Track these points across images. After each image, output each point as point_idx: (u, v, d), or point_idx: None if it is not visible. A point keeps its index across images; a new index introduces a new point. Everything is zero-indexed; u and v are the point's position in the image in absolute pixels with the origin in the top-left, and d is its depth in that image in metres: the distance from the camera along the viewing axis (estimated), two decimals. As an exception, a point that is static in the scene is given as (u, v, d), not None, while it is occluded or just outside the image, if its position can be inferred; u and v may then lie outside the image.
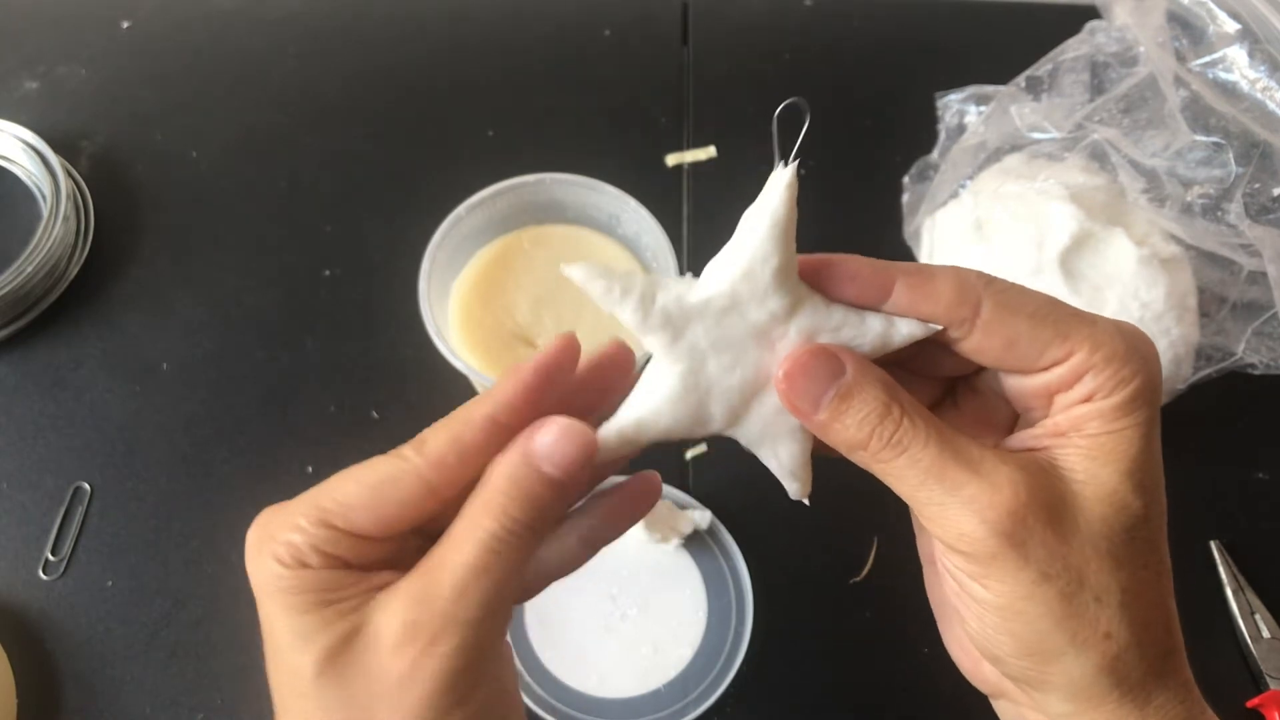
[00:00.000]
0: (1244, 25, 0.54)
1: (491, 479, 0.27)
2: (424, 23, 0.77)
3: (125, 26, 0.76)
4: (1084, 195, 0.55)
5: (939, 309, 0.27)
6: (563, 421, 0.27)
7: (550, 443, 0.27)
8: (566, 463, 0.27)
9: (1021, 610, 0.26)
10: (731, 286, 0.27)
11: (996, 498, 0.26)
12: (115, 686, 0.52)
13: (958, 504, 0.26)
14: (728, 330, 0.27)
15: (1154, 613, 0.28)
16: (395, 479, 0.27)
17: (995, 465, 0.26)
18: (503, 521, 0.26)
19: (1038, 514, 0.26)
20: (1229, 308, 0.54)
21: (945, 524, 0.26)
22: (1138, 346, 0.27)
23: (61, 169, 0.64)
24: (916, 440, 0.27)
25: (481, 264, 0.57)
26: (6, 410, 0.59)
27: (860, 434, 0.27)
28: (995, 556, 0.26)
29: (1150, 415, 0.27)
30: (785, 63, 0.75)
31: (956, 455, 0.26)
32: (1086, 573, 0.26)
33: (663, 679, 0.50)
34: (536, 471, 0.27)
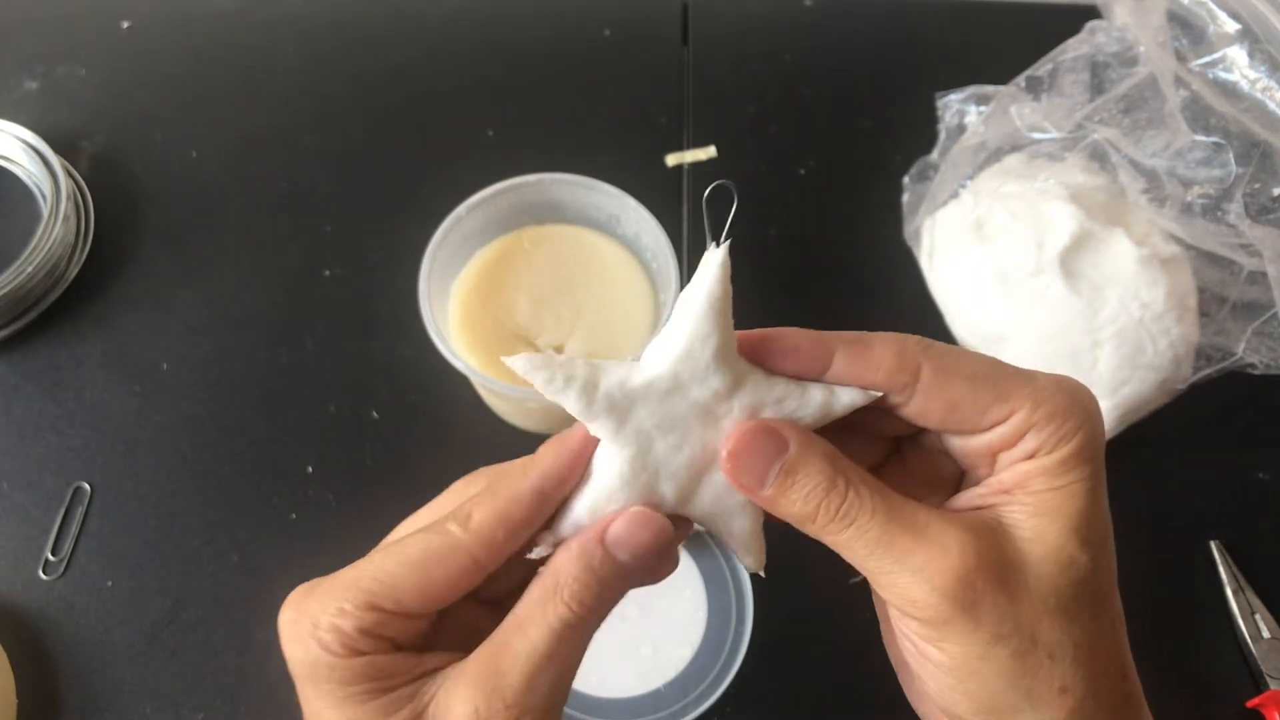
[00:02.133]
0: (1244, 25, 0.54)
1: (563, 566, 0.27)
2: (424, 23, 0.77)
3: (125, 27, 0.76)
4: (1084, 195, 0.55)
5: (879, 377, 0.28)
6: (637, 513, 0.27)
7: (625, 531, 0.27)
8: (642, 550, 0.27)
9: (976, 671, 0.26)
10: (673, 368, 0.28)
11: (945, 563, 0.26)
12: (115, 686, 0.52)
13: (907, 572, 0.26)
14: (672, 411, 0.28)
15: (1109, 662, 0.28)
16: (442, 557, 0.27)
17: (942, 529, 0.26)
18: (574, 609, 0.26)
19: (986, 576, 0.26)
20: (1229, 308, 0.54)
21: (897, 591, 0.27)
22: (1079, 401, 0.27)
23: (61, 169, 0.64)
24: (863, 512, 0.27)
25: (481, 264, 0.57)
26: (7, 410, 0.59)
27: (807, 508, 0.27)
28: (947, 621, 0.26)
29: (1094, 469, 0.27)
30: (785, 63, 0.75)
31: (903, 523, 0.27)
32: (1038, 631, 0.26)
33: (663, 679, 0.50)
34: (612, 560, 0.27)
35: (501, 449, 0.59)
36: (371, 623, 0.26)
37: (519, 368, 0.27)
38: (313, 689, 0.27)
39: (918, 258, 0.64)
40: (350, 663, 0.26)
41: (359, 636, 0.26)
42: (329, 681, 0.26)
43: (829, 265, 0.66)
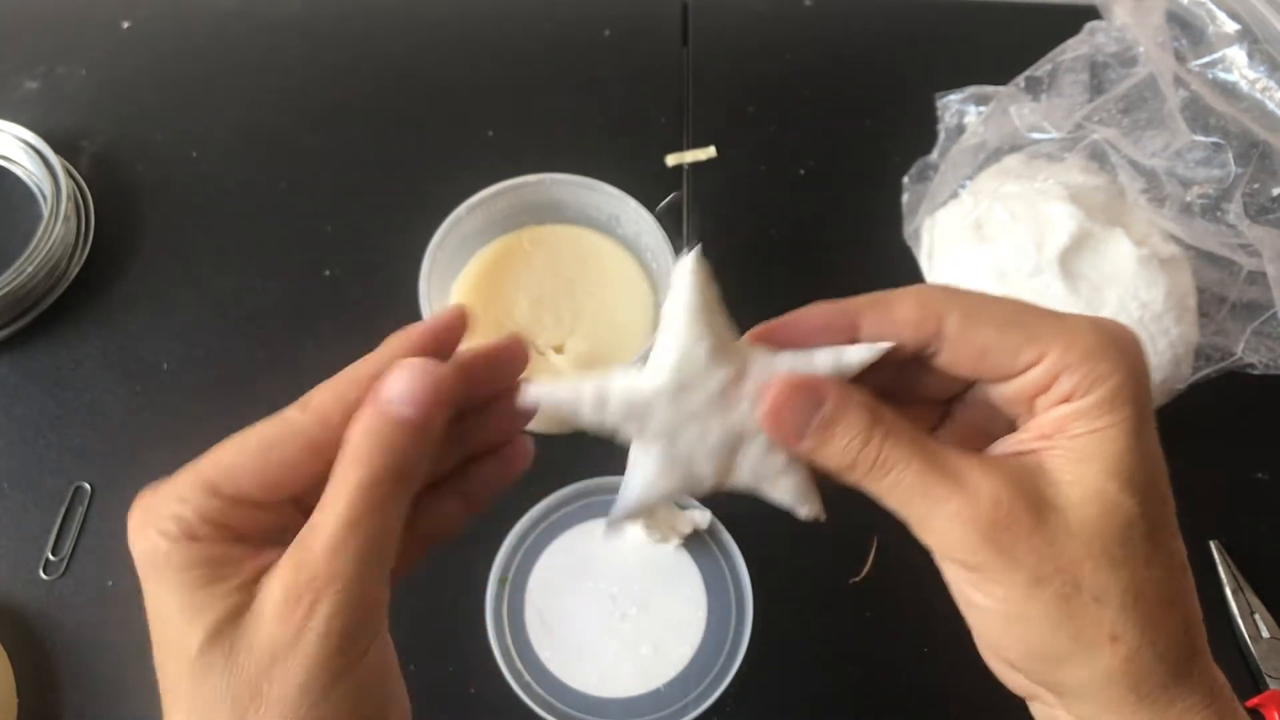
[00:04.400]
0: (1243, 25, 0.54)
1: (351, 433, 0.27)
2: (424, 23, 0.77)
3: (126, 27, 0.76)
4: (1083, 195, 0.55)
5: (905, 331, 0.27)
6: (408, 361, 0.27)
7: (397, 384, 0.27)
8: (415, 399, 0.27)
9: (1021, 614, 0.26)
10: (673, 375, 0.28)
11: (980, 508, 0.26)
12: (115, 686, 0.52)
13: (944, 517, 0.26)
14: (688, 406, 0.29)
15: (1165, 613, 0.27)
16: (280, 440, 0.27)
17: (979, 475, 0.26)
18: (367, 471, 0.26)
19: (1022, 519, 0.26)
20: (1228, 308, 0.54)
21: (936, 537, 0.27)
22: (1115, 341, 0.26)
23: (62, 169, 0.64)
24: (899, 460, 0.27)
25: (481, 264, 0.57)
26: (7, 410, 0.60)
27: (846, 458, 0.27)
28: (986, 565, 0.26)
29: (1136, 410, 0.26)
30: (785, 63, 0.75)
31: (940, 470, 0.27)
32: (1082, 574, 0.26)
33: (663, 679, 0.50)
34: (389, 414, 0.27)
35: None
36: (211, 509, 0.27)
37: (539, 396, 0.28)
38: (154, 577, 0.27)
39: (917, 258, 0.64)
40: (188, 548, 0.26)
41: (198, 523, 0.26)
42: (168, 568, 0.26)
43: (829, 265, 0.66)
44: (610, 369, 0.29)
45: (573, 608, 0.52)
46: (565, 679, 0.50)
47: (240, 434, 0.28)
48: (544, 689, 0.50)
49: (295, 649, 0.25)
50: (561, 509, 0.54)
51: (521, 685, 0.49)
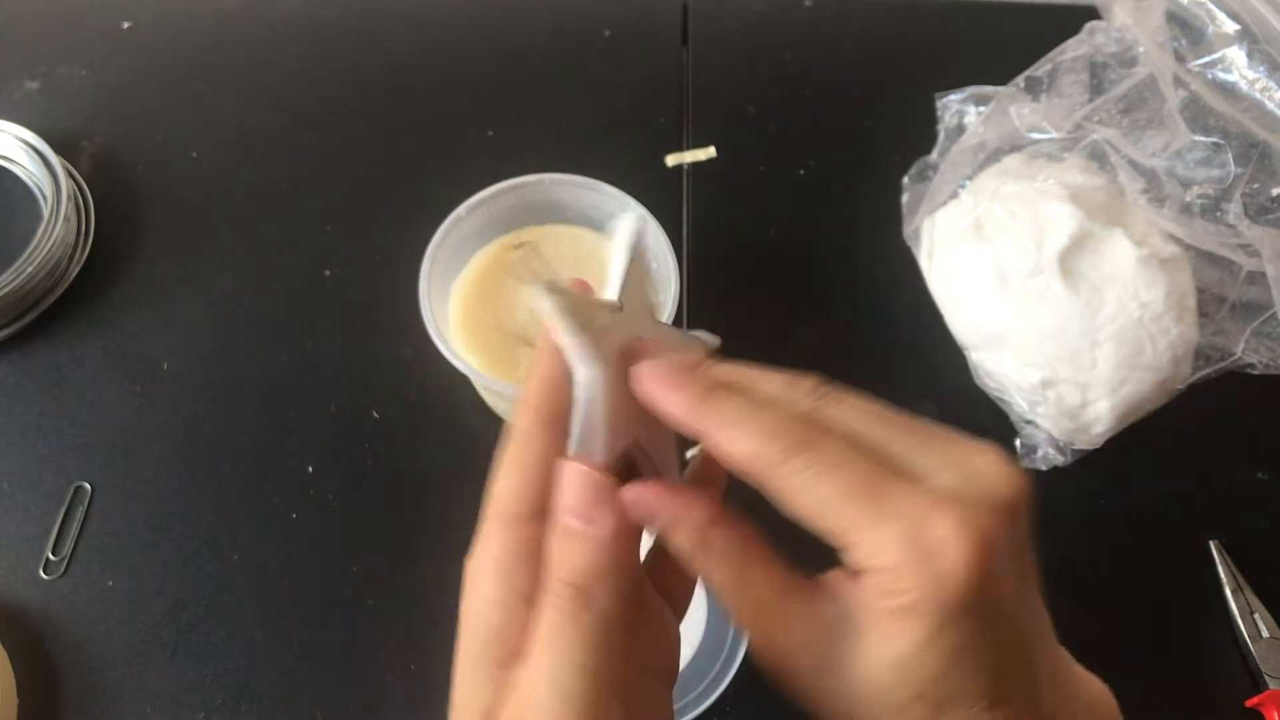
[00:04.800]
0: (1243, 26, 0.54)
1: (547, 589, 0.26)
2: (424, 23, 0.77)
3: (126, 27, 0.76)
4: (1083, 195, 0.55)
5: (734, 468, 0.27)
6: (571, 469, 0.27)
7: (561, 497, 0.27)
8: (577, 506, 0.26)
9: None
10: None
11: (775, 647, 0.27)
12: (115, 686, 0.52)
13: (752, 638, 0.28)
14: None
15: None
16: (524, 444, 0.28)
17: (784, 611, 0.27)
18: (557, 591, 0.26)
19: (809, 668, 0.27)
20: (1228, 308, 0.54)
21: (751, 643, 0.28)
22: (931, 558, 0.24)
23: (62, 169, 0.64)
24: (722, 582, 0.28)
25: (481, 264, 0.57)
26: (7, 410, 0.60)
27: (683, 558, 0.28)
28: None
29: (930, 625, 0.24)
30: (785, 63, 0.75)
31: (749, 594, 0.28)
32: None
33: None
34: (563, 531, 0.26)
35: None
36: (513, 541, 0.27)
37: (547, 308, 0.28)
38: (462, 639, 0.27)
39: (917, 258, 0.64)
40: (491, 613, 0.26)
41: (506, 572, 0.27)
42: (466, 638, 0.27)
43: (828, 265, 0.66)
44: None
45: None
46: None
47: (502, 464, 0.28)
48: None
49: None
50: None
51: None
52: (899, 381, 0.61)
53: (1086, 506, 0.58)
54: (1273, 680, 0.51)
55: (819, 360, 0.62)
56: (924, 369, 0.62)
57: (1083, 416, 0.55)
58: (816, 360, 0.62)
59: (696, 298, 0.63)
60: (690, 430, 0.27)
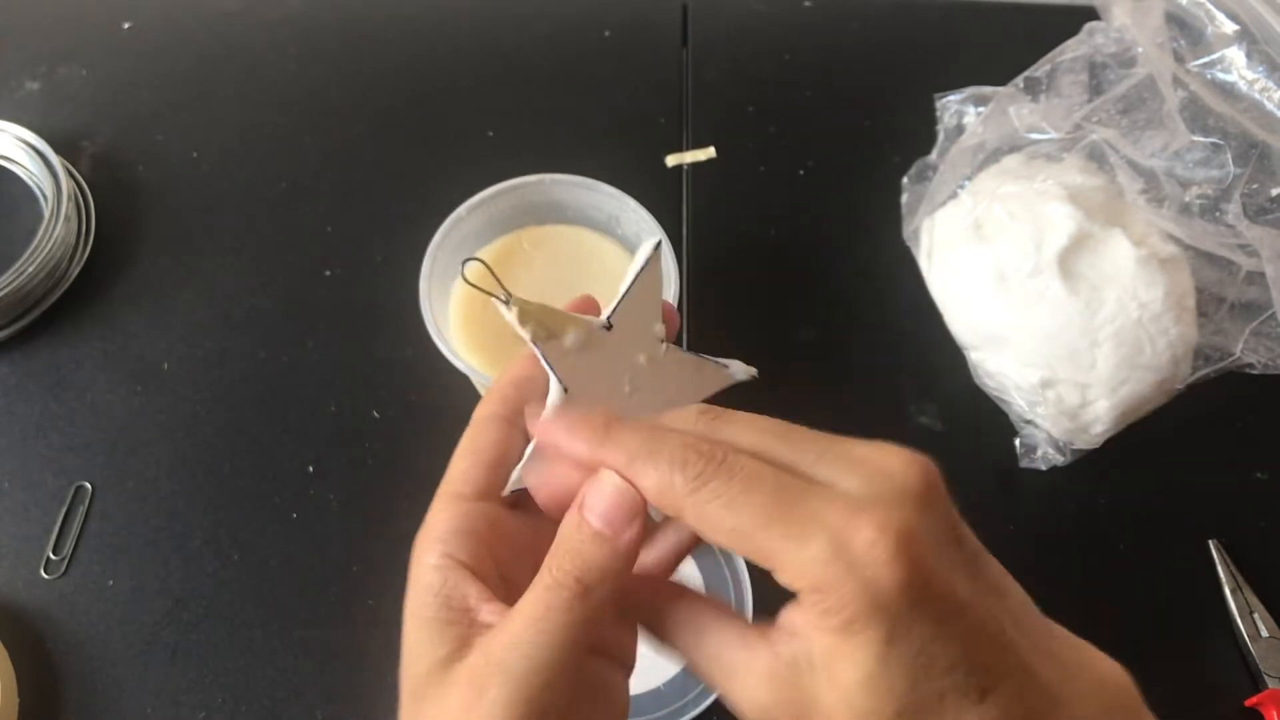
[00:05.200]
0: (1242, 26, 0.54)
1: (557, 536, 0.28)
2: (424, 23, 0.77)
3: (126, 27, 0.76)
4: (1082, 195, 0.55)
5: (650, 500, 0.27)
6: (607, 479, 0.27)
7: (594, 496, 0.27)
8: (607, 514, 0.27)
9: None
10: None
11: (746, 701, 0.27)
12: (116, 686, 0.52)
13: (724, 697, 0.27)
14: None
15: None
16: (480, 429, 0.30)
17: (747, 665, 0.27)
18: (555, 576, 0.27)
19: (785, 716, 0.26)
20: (1227, 308, 0.54)
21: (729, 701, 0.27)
22: (859, 566, 0.24)
23: (63, 169, 0.64)
24: (686, 652, 0.29)
25: (482, 264, 0.57)
26: (8, 410, 0.60)
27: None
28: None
29: (882, 633, 0.24)
30: (785, 63, 0.75)
31: (718, 662, 0.27)
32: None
33: (661, 678, 0.50)
34: (584, 521, 0.27)
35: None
36: (459, 516, 0.29)
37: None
38: (408, 609, 0.29)
39: (916, 258, 0.64)
40: (436, 577, 0.28)
41: (453, 538, 0.28)
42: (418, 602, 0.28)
43: (828, 265, 0.66)
44: None
45: None
46: None
47: (457, 449, 0.31)
48: None
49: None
50: None
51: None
52: (898, 381, 0.61)
53: (1086, 506, 0.58)
54: (1272, 680, 0.52)
55: (819, 360, 0.62)
56: (923, 369, 0.62)
57: (1082, 416, 0.55)
58: (816, 360, 0.62)
59: (696, 298, 0.63)
60: (595, 467, 0.28)
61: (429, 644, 0.27)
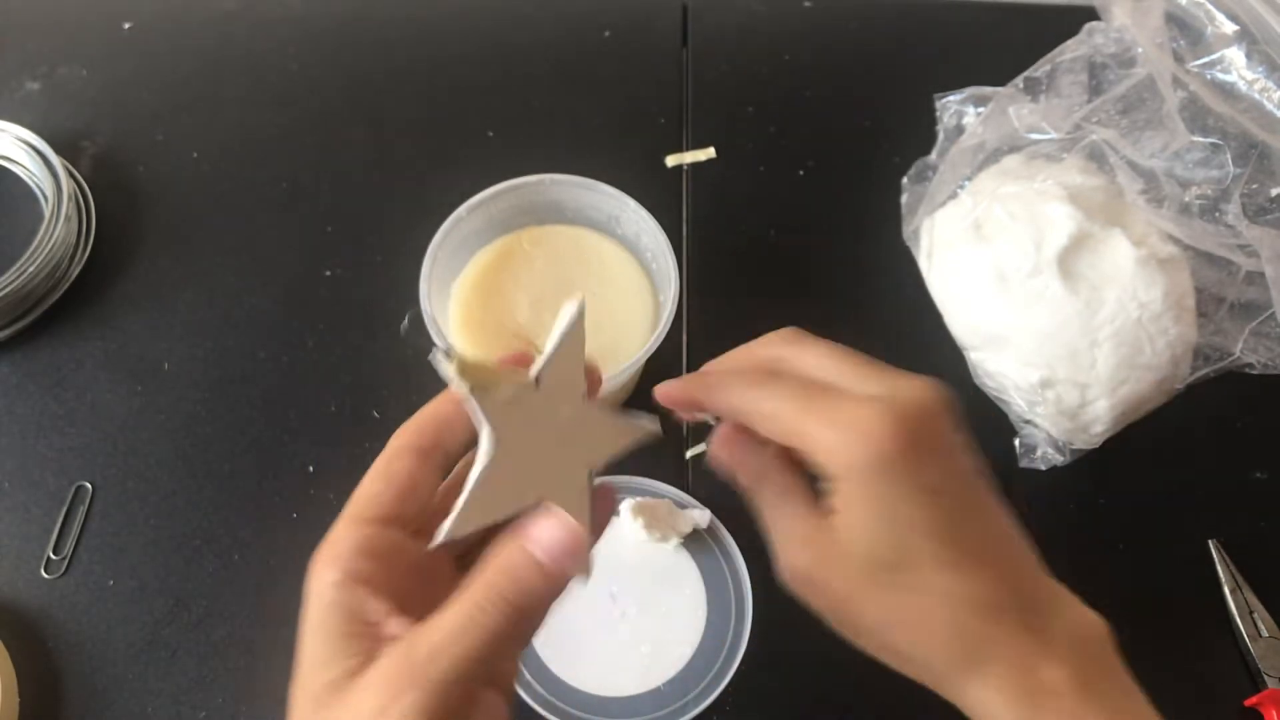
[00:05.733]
0: (1242, 26, 0.54)
1: (489, 559, 0.30)
2: (424, 24, 0.78)
3: (127, 28, 0.76)
4: (1082, 196, 0.55)
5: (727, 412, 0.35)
6: (560, 514, 0.30)
7: (542, 531, 0.30)
8: (552, 549, 0.29)
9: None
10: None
11: (792, 565, 0.34)
12: (116, 685, 0.52)
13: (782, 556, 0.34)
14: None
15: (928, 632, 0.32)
16: (393, 458, 0.31)
17: (794, 530, 0.33)
18: (486, 594, 0.28)
19: (820, 565, 0.33)
20: (1227, 308, 0.54)
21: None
22: (862, 434, 0.31)
23: (63, 169, 0.64)
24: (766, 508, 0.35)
25: (482, 264, 0.57)
26: (8, 410, 0.60)
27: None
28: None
29: (876, 490, 0.30)
30: (784, 64, 0.75)
31: (777, 525, 0.34)
32: (850, 607, 0.33)
33: (662, 677, 0.51)
34: (527, 553, 0.29)
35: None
36: (362, 538, 0.30)
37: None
38: (306, 623, 0.29)
39: (916, 258, 0.64)
40: (337, 594, 0.29)
41: (353, 557, 0.29)
42: (313, 615, 0.29)
43: (828, 265, 0.66)
44: None
45: (572, 606, 0.52)
46: (564, 677, 0.50)
47: (368, 472, 0.32)
48: (543, 687, 0.50)
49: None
50: None
51: (521, 684, 0.49)
52: (898, 381, 0.61)
53: (1085, 506, 0.58)
54: (1272, 679, 0.52)
55: (819, 360, 0.62)
56: (923, 369, 0.61)
57: (1082, 416, 0.55)
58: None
59: (696, 298, 0.63)
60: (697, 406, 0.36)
61: (333, 655, 0.28)
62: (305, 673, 0.29)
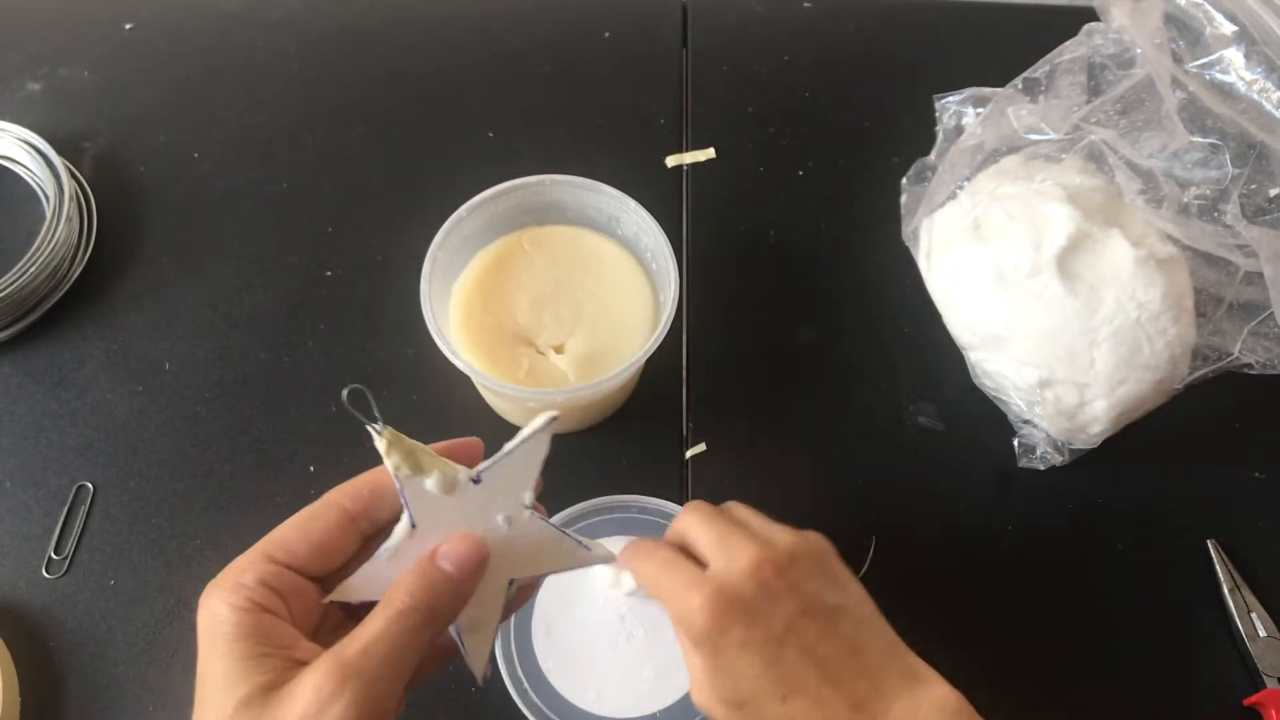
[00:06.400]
0: (1241, 27, 0.54)
1: (404, 577, 0.33)
2: (425, 24, 0.78)
3: (128, 28, 0.77)
4: (1081, 196, 0.55)
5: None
6: (464, 534, 0.34)
7: (449, 547, 0.34)
8: (459, 560, 0.33)
9: None
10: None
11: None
12: (117, 685, 0.52)
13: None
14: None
15: None
16: (319, 513, 0.34)
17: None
18: (408, 601, 0.32)
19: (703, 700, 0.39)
20: (1225, 308, 0.54)
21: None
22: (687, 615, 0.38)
23: (64, 170, 0.64)
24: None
25: (482, 265, 0.57)
26: (10, 410, 0.60)
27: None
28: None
29: (705, 650, 0.38)
30: (784, 64, 0.76)
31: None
32: None
33: (659, 704, 0.50)
34: (437, 565, 0.33)
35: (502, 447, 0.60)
36: (269, 574, 0.32)
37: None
38: (209, 643, 0.31)
39: (915, 258, 0.64)
40: (244, 618, 0.31)
41: (256, 588, 0.32)
42: (221, 636, 0.31)
43: (827, 266, 0.66)
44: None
45: (580, 621, 0.51)
46: (563, 691, 0.50)
47: (294, 515, 0.34)
48: (540, 698, 0.49)
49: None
50: (583, 521, 0.54)
51: (519, 692, 0.49)
52: (898, 381, 0.62)
53: (1084, 506, 0.58)
54: (1270, 679, 0.52)
55: (819, 360, 0.62)
56: (922, 369, 0.62)
57: (1080, 416, 0.55)
58: (816, 360, 0.63)
59: (696, 298, 0.64)
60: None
61: (244, 673, 0.30)
62: (212, 693, 0.30)
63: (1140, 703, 0.53)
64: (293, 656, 0.31)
